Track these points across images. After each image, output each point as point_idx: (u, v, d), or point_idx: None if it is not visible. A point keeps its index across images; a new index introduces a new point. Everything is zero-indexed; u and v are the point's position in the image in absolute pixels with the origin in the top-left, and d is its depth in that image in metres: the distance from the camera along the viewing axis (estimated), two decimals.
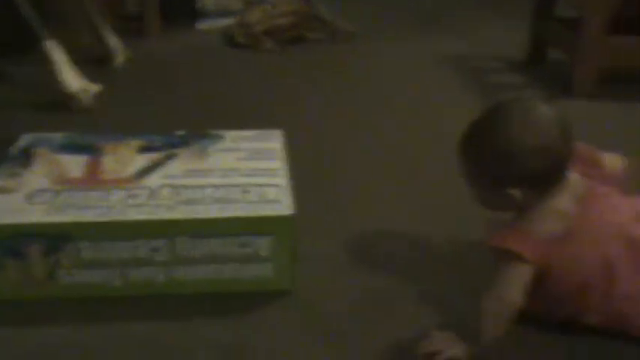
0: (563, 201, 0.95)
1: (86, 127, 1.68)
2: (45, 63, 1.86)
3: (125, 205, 1.06)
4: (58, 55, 1.84)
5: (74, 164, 1.19)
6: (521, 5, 2.74)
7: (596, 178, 0.99)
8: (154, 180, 1.15)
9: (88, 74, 1.93)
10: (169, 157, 1.23)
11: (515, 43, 2.38)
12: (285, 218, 1.06)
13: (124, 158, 1.23)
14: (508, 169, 0.93)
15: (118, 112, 1.84)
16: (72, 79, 1.84)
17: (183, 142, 1.30)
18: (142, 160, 1.22)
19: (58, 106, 1.82)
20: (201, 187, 1.12)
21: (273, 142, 1.31)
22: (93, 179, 1.15)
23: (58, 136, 1.30)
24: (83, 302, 1.05)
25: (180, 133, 1.34)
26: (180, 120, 1.76)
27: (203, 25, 2.70)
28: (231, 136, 1.33)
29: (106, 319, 1.03)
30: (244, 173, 1.18)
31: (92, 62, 2.16)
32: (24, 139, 1.29)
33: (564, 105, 1.94)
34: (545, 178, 0.93)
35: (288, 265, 1.08)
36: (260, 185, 1.13)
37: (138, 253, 1.05)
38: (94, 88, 1.91)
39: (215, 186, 1.13)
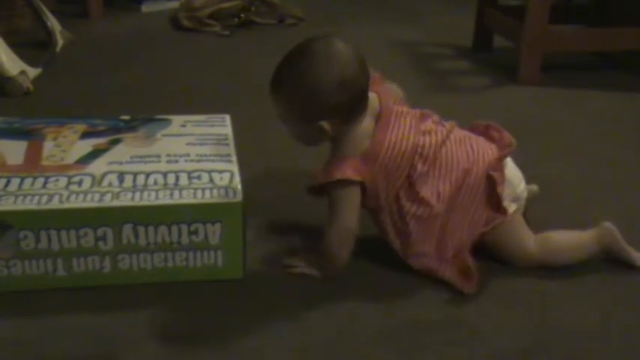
0: (366, 123, 1.05)
1: (24, 112, 1.61)
2: None
3: (68, 193, 1.02)
4: None
5: (13, 150, 1.14)
6: None
7: (385, 95, 1.10)
8: (98, 166, 1.11)
9: (28, 58, 1.86)
10: (114, 142, 1.19)
11: (463, 31, 2.41)
12: (235, 204, 1.04)
13: (66, 143, 1.18)
14: (315, 103, 1.00)
15: (58, 96, 1.77)
16: (10, 63, 1.76)
17: (129, 127, 1.26)
18: (85, 146, 1.17)
19: None
20: (148, 173, 1.09)
21: (222, 126, 1.28)
22: (33, 165, 1.10)
23: None
24: (23, 295, 1.01)
25: (126, 117, 1.30)
26: (124, 104, 1.72)
27: (148, 7, 2.63)
28: (178, 120, 1.30)
29: (47, 311, 0.99)
30: (192, 159, 1.15)
31: (32, 45, 2.08)
32: None
33: (507, 91, 1.99)
34: (350, 108, 1.02)
35: (238, 253, 1.07)
36: (209, 171, 1.11)
37: (82, 243, 1.01)
38: (33, 71, 1.84)
39: (162, 172, 1.10)
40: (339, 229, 1.04)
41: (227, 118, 1.32)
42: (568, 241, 1.11)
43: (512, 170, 1.10)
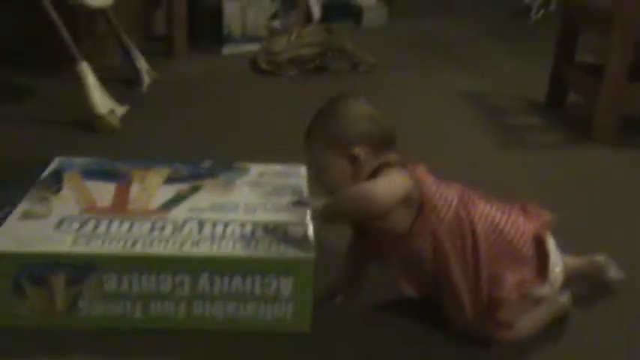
0: (400, 171, 1.08)
1: (111, 148, 1.70)
2: (75, 82, 1.89)
3: (150, 238, 1.08)
4: (89, 78, 1.87)
5: (102, 191, 1.21)
6: (539, 44, 2.77)
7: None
8: (179, 212, 1.16)
9: (115, 94, 1.96)
10: (195, 189, 1.25)
11: (534, 84, 2.39)
12: (308, 261, 1.07)
13: (151, 188, 1.24)
14: (347, 129, 1.08)
15: (142, 133, 1.86)
16: (101, 101, 1.87)
17: (209, 174, 1.31)
18: (168, 191, 1.23)
19: (84, 126, 1.85)
20: (226, 222, 1.14)
21: (298, 178, 1.32)
22: (120, 208, 1.16)
23: (87, 161, 1.33)
24: (101, 334, 1.06)
25: (207, 163, 1.36)
26: (203, 145, 1.78)
27: (228, 49, 2.74)
28: (256, 169, 1.35)
29: (123, 352, 1.03)
30: (269, 210, 1.19)
31: (119, 82, 2.19)
32: (55, 163, 1.31)
33: (583, 150, 1.95)
34: (381, 139, 1.09)
35: (307, 306, 1.09)
36: (284, 224, 1.14)
37: (160, 287, 1.06)
38: (121, 109, 1.94)
39: (239, 222, 1.14)
40: (374, 189, 1.04)
41: (303, 169, 1.36)
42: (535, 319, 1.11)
43: (552, 251, 1.11)
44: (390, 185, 1.05)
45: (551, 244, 1.11)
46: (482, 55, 2.95)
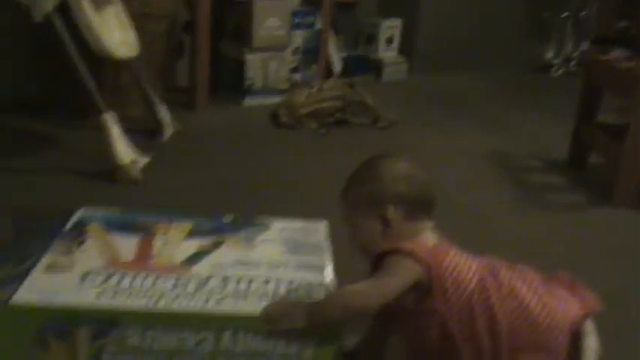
0: (430, 233, 1.07)
1: (133, 199, 1.72)
2: (98, 133, 1.92)
3: (174, 294, 1.07)
4: (114, 128, 1.90)
5: (126, 244, 1.21)
6: (561, 101, 2.79)
7: None
8: (202, 268, 1.16)
9: (137, 145, 1.98)
10: (217, 245, 1.24)
11: (556, 142, 2.39)
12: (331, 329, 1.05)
13: (174, 242, 1.24)
14: (382, 187, 1.07)
15: (164, 184, 1.88)
16: (124, 152, 1.89)
17: (230, 229, 1.31)
18: (190, 246, 1.23)
19: (107, 177, 1.87)
20: (249, 279, 1.13)
21: (319, 235, 1.31)
22: (143, 263, 1.16)
23: (111, 213, 1.33)
24: None
25: (228, 218, 1.36)
26: (223, 197, 1.79)
27: (250, 101, 2.78)
28: (276, 226, 1.34)
29: None
30: (291, 267, 1.18)
31: (142, 133, 2.23)
32: (78, 214, 1.32)
33: (604, 212, 1.94)
34: (415, 201, 1.07)
35: None
36: (307, 283, 1.13)
37: (184, 344, 1.04)
38: (143, 160, 1.96)
39: (264, 280, 1.13)
40: (367, 295, 0.99)
41: (323, 226, 1.35)
42: None
43: (591, 342, 1.04)
44: (389, 285, 0.99)
45: (590, 334, 1.03)
46: (502, 111, 2.97)
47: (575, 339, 1.03)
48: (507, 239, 1.67)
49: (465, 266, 1.04)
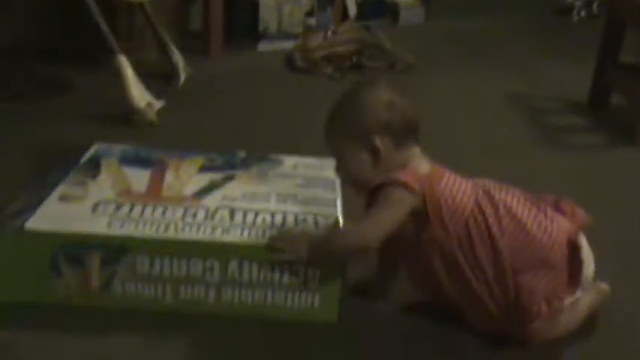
0: (423, 162, 1.06)
1: (148, 141, 1.72)
2: (113, 77, 1.92)
3: (183, 224, 1.09)
4: (128, 70, 1.90)
5: (138, 177, 1.23)
6: (582, 44, 2.71)
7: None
8: (212, 200, 1.17)
9: (152, 89, 1.98)
10: (228, 179, 1.26)
11: (576, 84, 2.34)
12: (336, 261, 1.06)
13: (186, 176, 1.25)
14: (366, 117, 1.04)
15: (178, 127, 1.88)
16: (138, 95, 1.89)
17: (243, 164, 1.32)
18: (202, 180, 1.24)
19: (122, 120, 1.88)
20: (257, 211, 1.14)
21: (330, 171, 1.32)
22: (155, 195, 1.18)
23: (126, 148, 1.35)
24: (134, 314, 1.07)
25: (241, 154, 1.37)
26: (238, 139, 1.79)
27: (264, 46, 2.75)
28: (289, 161, 1.35)
29: (154, 332, 1.05)
30: (300, 201, 1.19)
31: (156, 77, 2.22)
32: (93, 149, 1.34)
33: (625, 153, 1.90)
34: (401, 129, 1.04)
35: (335, 297, 1.09)
36: (315, 214, 1.14)
37: (191, 272, 1.06)
38: (158, 104, 1.96)
39: (270, 212, 1.14)
40: (365, 234, 1.01)
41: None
42: (571, 320, 1.07)
43: (586, 254, 1.05)
44: (386, 220, 1.00)
45: (585, 247, 1.05)
46: (522, 54, 2.90)
47: (571, 253, 1.03)
48: (526, 178, 1.65)
49: (459, 191, 1.03)
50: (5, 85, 2.16)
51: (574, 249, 1.03)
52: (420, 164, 1.05)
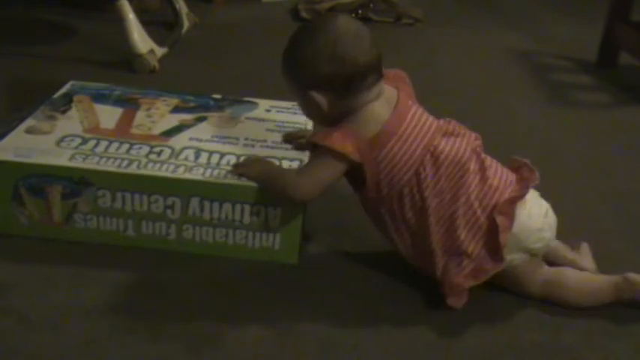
0: (378, 109, 1.00)
1: (148, 88, 1.73)
2: (114, 21, 1.92)
3: (147, 161, 1.10)
4: (130, 15, 1.88)
5: (108, 115, 1.24)
6: (592, 2, 2.62)
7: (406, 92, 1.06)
8: (179, 140, 1.18)
9: (155, 36, 1.98)
10: (199, 120, 1.26)
11: (585, 42, 2.28)
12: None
13: (157, 115, 1.26)
14: (304, 71, 1.00)
15: (179, 76, 1.87)
16: (140, 41, 1.88)
17: (217, 106, 1.32)
18: (172, 120, 1.25)
19: (123, 66, 1.88)
20: (223, 153, 1.15)
21: (302, 115, 1.31)
22: (122, 132, 1.19)
23: (101, 86, 1.36)
24: (96, 247, 1.10)
25: (216, 96, 1.37)
26: (238, 88, 1.77)
27: None
28: (264, 104, 1.35)
29: (115, 265, 1.07)
30: (268, 145, 1.19)
31: (159, 25, 2.22)
32: (68, 85, 1.35)
33: (632, 112, 1.85)
34: (346, 83, 0.98)
35: (295, 239, 1.09)
36: (280, 158, 1.14)
37: (152, 208, 1.08)
38: (160, 50, 1.96)
39: (237, 155, 1.14)
40: (301, 186, 1.01)
41: None
42: (580, 285, 1.04)
43: (529, 218, 1.00)
44: (318, 180, 1.01)
45: (534, 212, 1.00)
46: (530, 11, 2.82)
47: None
48: (531, 135, 1.63)
49: (405, 155, 0.99)
50: (6, 29, 2.19)
51: (493, 227, 0.98)
52: (375, 111, 1.00)
